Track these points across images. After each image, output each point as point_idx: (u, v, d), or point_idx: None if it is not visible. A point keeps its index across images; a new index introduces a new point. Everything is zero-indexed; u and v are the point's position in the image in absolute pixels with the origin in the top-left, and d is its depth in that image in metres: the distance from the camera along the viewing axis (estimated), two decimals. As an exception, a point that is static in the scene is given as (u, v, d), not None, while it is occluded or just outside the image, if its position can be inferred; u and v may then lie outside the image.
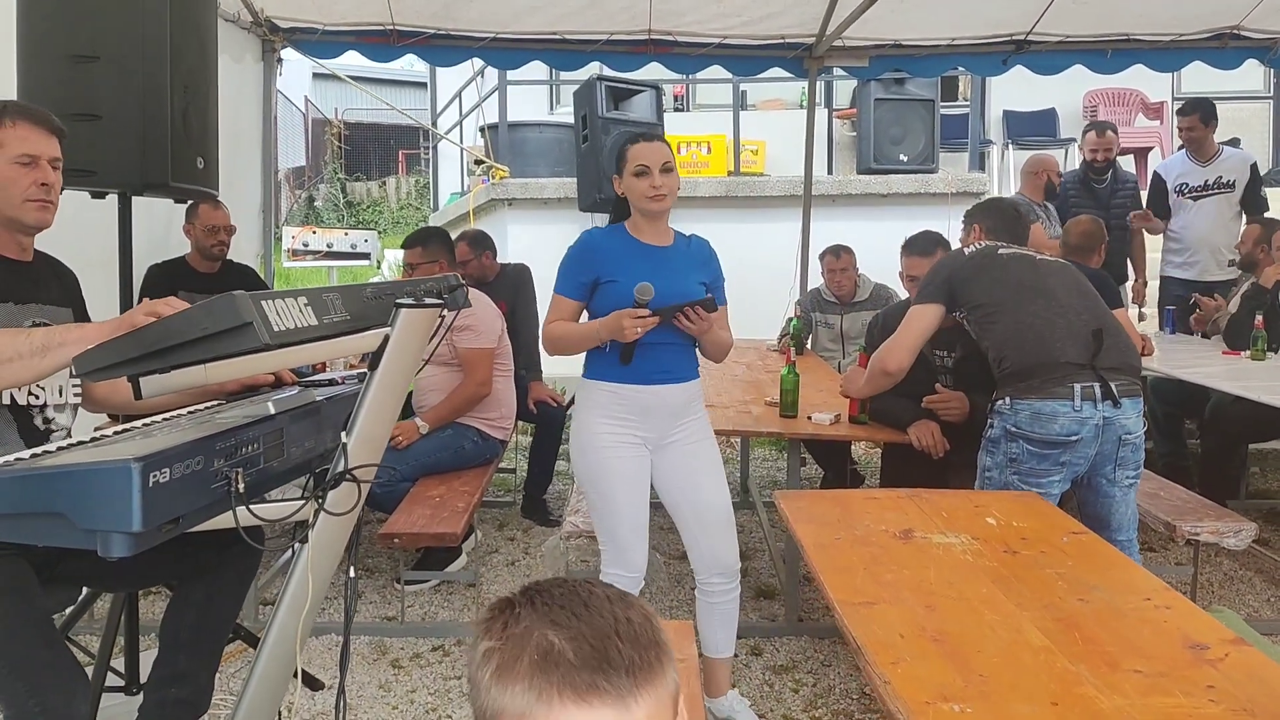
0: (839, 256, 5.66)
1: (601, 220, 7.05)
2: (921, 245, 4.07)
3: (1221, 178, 5.83)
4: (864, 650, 1.71)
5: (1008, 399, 2.95)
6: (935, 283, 3.21)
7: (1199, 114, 5.85)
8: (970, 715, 1.49)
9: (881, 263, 5.73)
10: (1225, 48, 6.08)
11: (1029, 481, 2.91)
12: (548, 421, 5.13)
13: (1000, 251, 3.18)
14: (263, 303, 1.66)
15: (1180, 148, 6.18)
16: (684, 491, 2.89)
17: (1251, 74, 9.22)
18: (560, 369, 6.44)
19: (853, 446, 5.39)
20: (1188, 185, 5.86)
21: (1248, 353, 4.73)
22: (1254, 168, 5.96)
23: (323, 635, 3.65)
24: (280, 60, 6.07)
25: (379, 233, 12.19)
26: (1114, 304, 4.16)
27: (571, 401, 5.27)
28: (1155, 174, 6.09)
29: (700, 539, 2.91)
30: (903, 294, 4.65)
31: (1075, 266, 4.54)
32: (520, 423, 5.67)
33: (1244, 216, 5.81)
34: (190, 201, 4.23)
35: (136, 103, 2.82)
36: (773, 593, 4.08)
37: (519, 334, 4.89)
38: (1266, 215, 5.53)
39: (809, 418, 3.78)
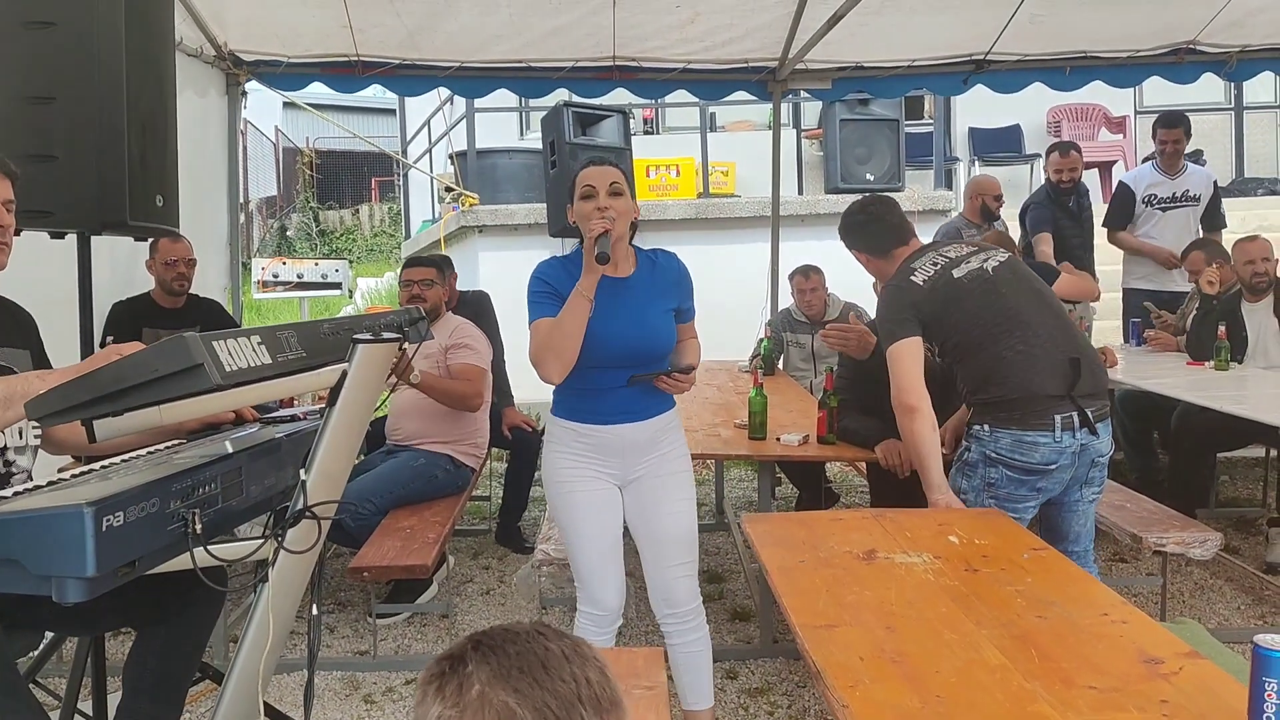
0: (808, 276, 5.70)
1: (573, 248, 7.11)
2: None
3: (1189, 191, 5.92)
4: (823, 674, 1.71)
5: (987, 426, 2.91)
6: (901, 315, 3.01)
7: (1184, 127, 5.95)
8: (926, 737, 1.50)
9: (851, 282, 5.76)
10: (1182, 63, 6.17)
11: (1005, 506, 2.88)
12: (523, 448, 5.12)
13: (954, 274, 3.03)
14: (214, 343, 1.66)
15: (1147, 159, 6.26)
16: (643, 524, 2.83)
17: (1212, 86, 9.36)
18: (531, 395, 6.46)
19: (828, 465, 5.41)
20: (1156, 196, 5.94)
21: (1211, 363, 4.79)
22: (1216, 184, 6.06)
23: (294, 672, 3.62)
24: (245, 93, 6.07)
25: (351, 261, 12.17)
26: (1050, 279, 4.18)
27: (544, 430, 5.31)
28: (1121, 184, 6.15)
29: (653, 573, 2.85)
30: (873, 311, 4.67)
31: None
32: (494, 449, 5.68)
33: (1201, 233, 5.90)
34: (155, 238, 4.22)
35: (93, 143, 2.81)
36: (749, 615, 4.08)
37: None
38: (1212, 237, 5.63)
39: (778, 439, 3.79)
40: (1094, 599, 2.04)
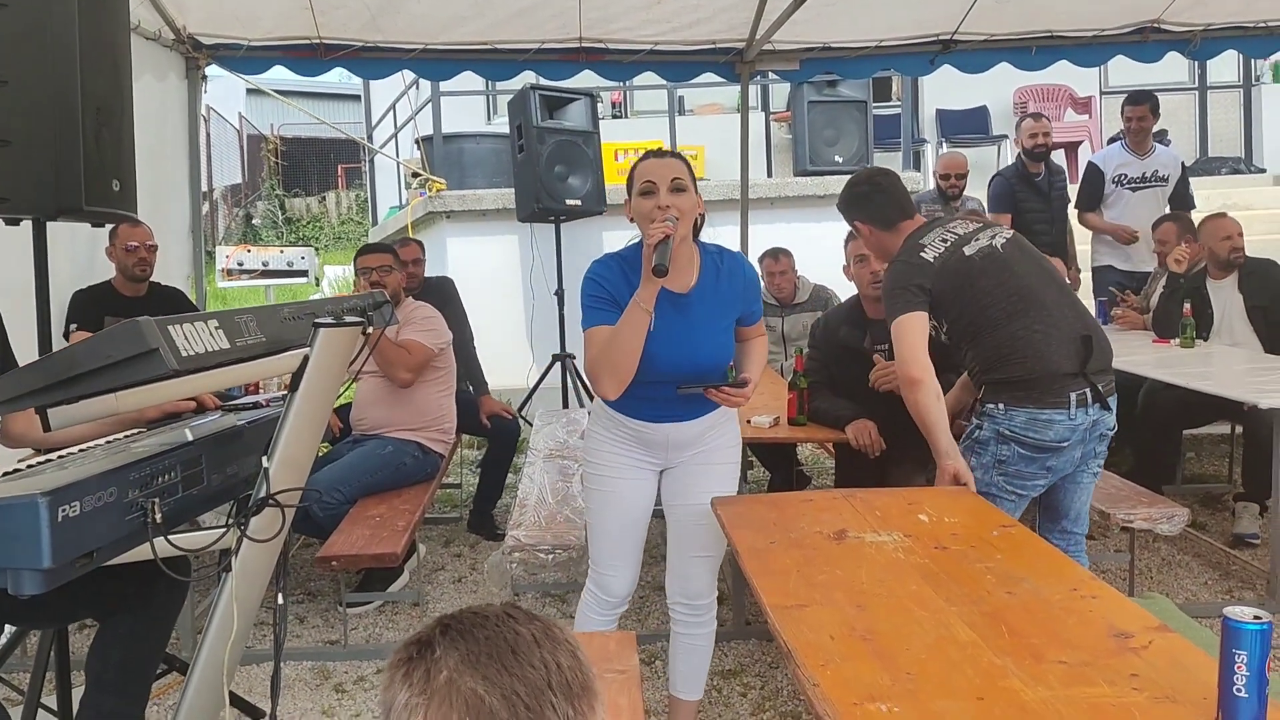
0: (777, 259, 5.69)
1: (542, 233, 7.09)
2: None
3: (1158, 171, 5.95)
4: (794, 653, 1.71)
5: (1001, 404, 2.88)
6: (910, 290, 2.94)
7: (1149, 105, 5.97)
8: (897, 714, 1.49)
9: (820, 264, 5.78)
10: (1146, 41, 6.18)
11: (1014, 483, 2.89)
12: (502, 435, 5.09)
13: (965, 252, 2.97)
14: (169, 327, 1.63)
15: (1114, 139, 6.28)
16: (675, 509, 2.78)
17: (1177, 65, 9.43)
18: (506, 381, 6.44)
19: (799, 448, 5.42)
20: (1127, 176, 5.96)
21: (1177, 340, 4.83)
22: (1184, 166, 6.11)
23: (263, 663, 3.58)
24: (205, 78, 5.97)
25: (318, 249, 12.06)
26: None
27: (515, 414, 5.29)
28: (1091, 164, 6.16)
29: (675, 558, 2.81)
30: (844, 294, 4.67)
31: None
32: (467, 437, 5.65)
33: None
34: (112, 223, 4.14)
35: (47, 127, 2.74)
36: (722, 598, 4.07)
37: (455, 349, 4.85)
38: (1182, 213, 5.65)
39: (748, 421, 3.78)
40: (1063, 575, 2.04)
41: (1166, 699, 1.50)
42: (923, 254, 2.97)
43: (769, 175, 9.71)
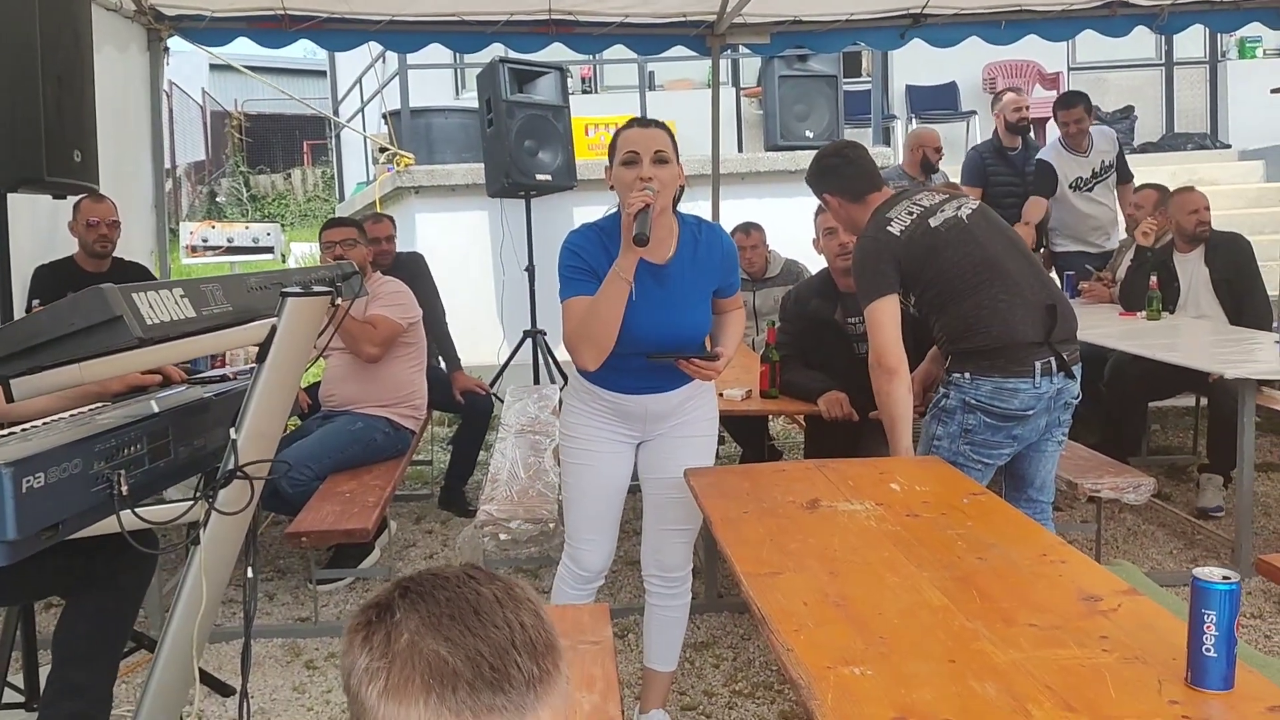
0: (748, 234, 5.67)
1: (512, 208, 7.03)
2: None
3: (1104, 161, 5.91)
4: (768, 620, 1.71)
5: (968, 374, 2.90)
6: (879, 272, 2.95)
7: (1084, 105, 5.87)
8: (870, 677, 1.50)
9: (792, 239, 5.77)
10: (1114, 16, 6.21)
11: (980, 452, 2.91)
12: (476, 412, 5.06)
13: (931, 223, 2.97)
14: (134, 295, 1.60)
15: (1056, 139, 6.13)
16: (651, 481, 2.77)
17: (1144, 42, 9.50)
18: (477, 358, 6.40)
19: (771, 423, 5.43)
20: (1082, 179, 5.88)
21: (1143, 313, 4.88)
22: (1118, 141, 6.08)
23: (234, 639, 3.56)
24: (167, 49, 5.87)
25: (284, 226, 11.93)
26: None
27: (488, 390, 5.27)
28: (1042, 162, 5.98)
29: (650, 531, 2.81)
30: (814, 268, 4.68)
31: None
32: (437, 414, 5.62)
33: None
34: (74, 197, 4.08)
35: (6, 97, 2.69)
36: (695, 570, 4.08)
37: (427, 326, 4.81)
38: (1155, 183, 5.67)
39: (720, 394, 3.77)
40: (1033, 541, 2.06)
41: (1136, 660, 1.52)
42: (889, 228, 2.97)
43: (740, 150, 9.68)
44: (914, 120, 10.02)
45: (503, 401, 5.28)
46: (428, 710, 0.86)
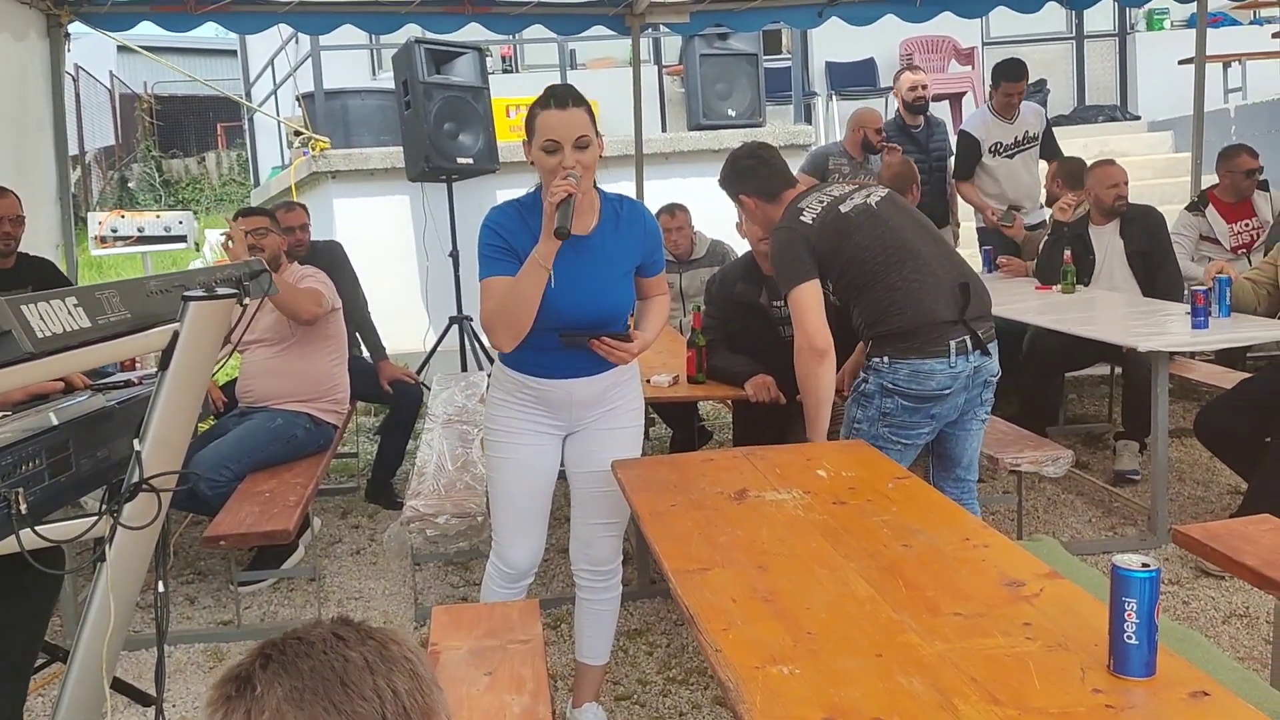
0: (674, 215, 5.65)
1: (434, 192, 6.91)
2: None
3: (1028, 132, 6.01)
4: (696, 619, 1.69)
5: (886, 358, 2.93)
6: (797, 257, 2.98)
7: (1026, 79, 5.97)
8: (799, 676, 1.49)
9: (717, 219, 5.75)
10: (1027, -8, 6.31)
11: (899, 433, 2.95)
12: (404, 401, 4.97)
13: (841, 209, 3.01)
14: (23, 307, 1.52)
15: (984, 105, 6.26)
16: (578, 475, 2.73)
17: (1054, 16, 9.64)
18: (402, 345, 6.30)
19: (701, 404, 5.43)
20: (1002, 144, 5.99)
21: (1058, 287, 4.96)
22: (1046, 118, 6.20)
23: (153, 647, 3.44)
24: (68, 35, 5.64)
25: (198, 213, 11.60)
26: None
27: (416, 379, 5.18)
28: (965, 133, 6.11)
29: (579, 524, 2.78)
30: (740, 249, 4.67)
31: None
32: (362, 404, 5.52)
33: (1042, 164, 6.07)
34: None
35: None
36: (626, 557, 4.07)
37: (349, 315, 4.70)
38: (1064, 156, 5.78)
39: (648, 380, 3.76)
40: (957, 525, 2.08)
41: (1059, 647, 1.53)
42: (802, 217, 3.01)
43: (663, 130, 9.65)
44: (834, 97, 10.08)
45: (430, 390, 5.20)
46: None
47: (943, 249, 3.10)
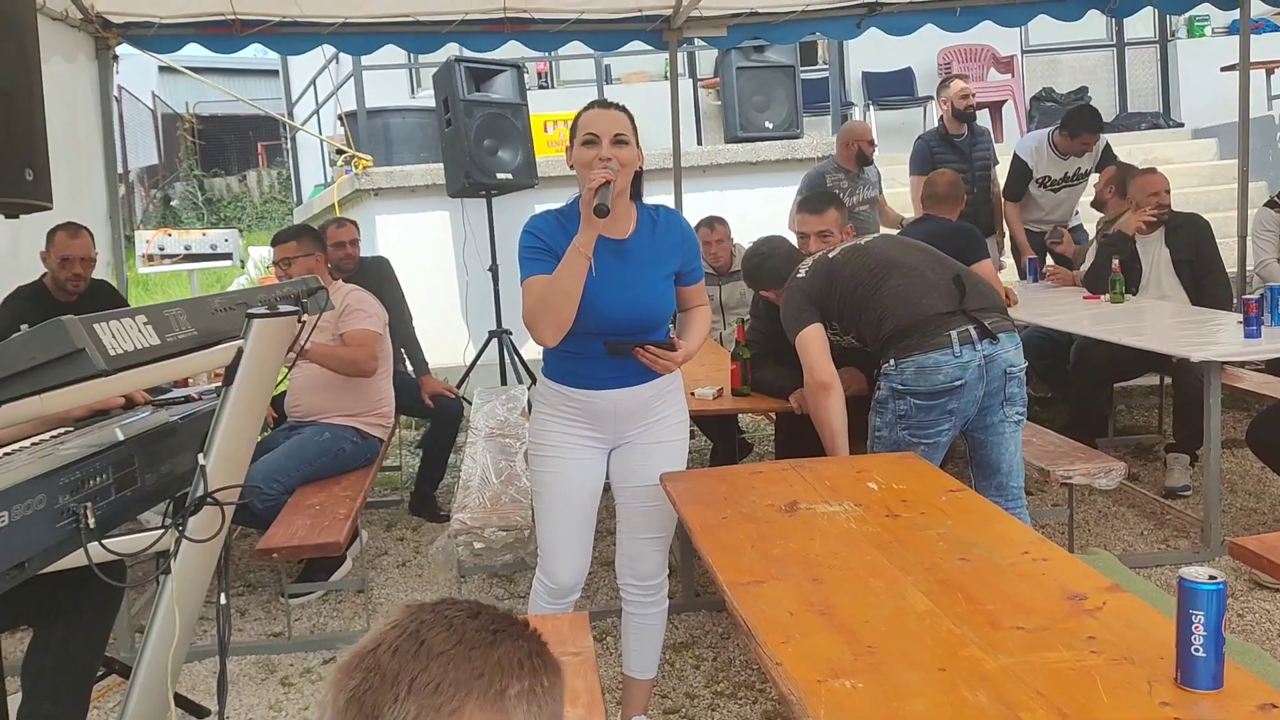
0: (713, 228, 5.67)
1: (474, 208, 6.96)
2: (814, 204, 3.95)
3: (1080, 169, 5.93)
4: (754, 632, 1.69)
5: (892, 360, 2.99)
6: (798, 309, 3.17)
7: (1101, 132, 5.85)
8: (861, 690, 1.49)
9: (756, 231, 5.75)
10: (1067, 0, 6.26)
11: (918, 434, 2.97)
12: (445, 415, 5.01)
13: (829, 255, 3.25)
14: (95, 326, 1.55)
15: (1043, 133, 6.07)
16: (624, 489, 2.74)
17: (1095, 22, 9.56)
18: (442, 359, 6.34)
19: (740, 416, 5.42)
20: (1050, 179, 5.92)
21: (1107, 296, 4.92)
22: (1107, 148, 6.00)
23: (205, 659, 3.50)
24: (116, 58, 5.75)
25: (241, 230, 11.77)
26: (980, 255, 4.25)
27: (457, 393, 5.22)
28: (1018, 158, 6.03)
29: (625, 539, 2.78)
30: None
31: (936, 220, 4.63)
32: (404, 418, 5.57)
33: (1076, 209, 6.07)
34: (28, 213, 3.98)
35: (-51, 115, 2.60)
36: (671, 570, 4.07)
37: (394, 330, 4.75)
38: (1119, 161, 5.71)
39: (692, 393, 3.76)
40: (1013, 538, 2.06)
41: (1125, 660, 1.52)
42: (798, 275, 3.27)
43: (699, 143, 9.66)
44: (872, 107, 10.05)
45: (470, 403, 5.23)
46: None
47: (930, 255, 3.23)
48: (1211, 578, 1.40)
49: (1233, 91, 6.56)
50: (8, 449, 2.08)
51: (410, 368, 5.27)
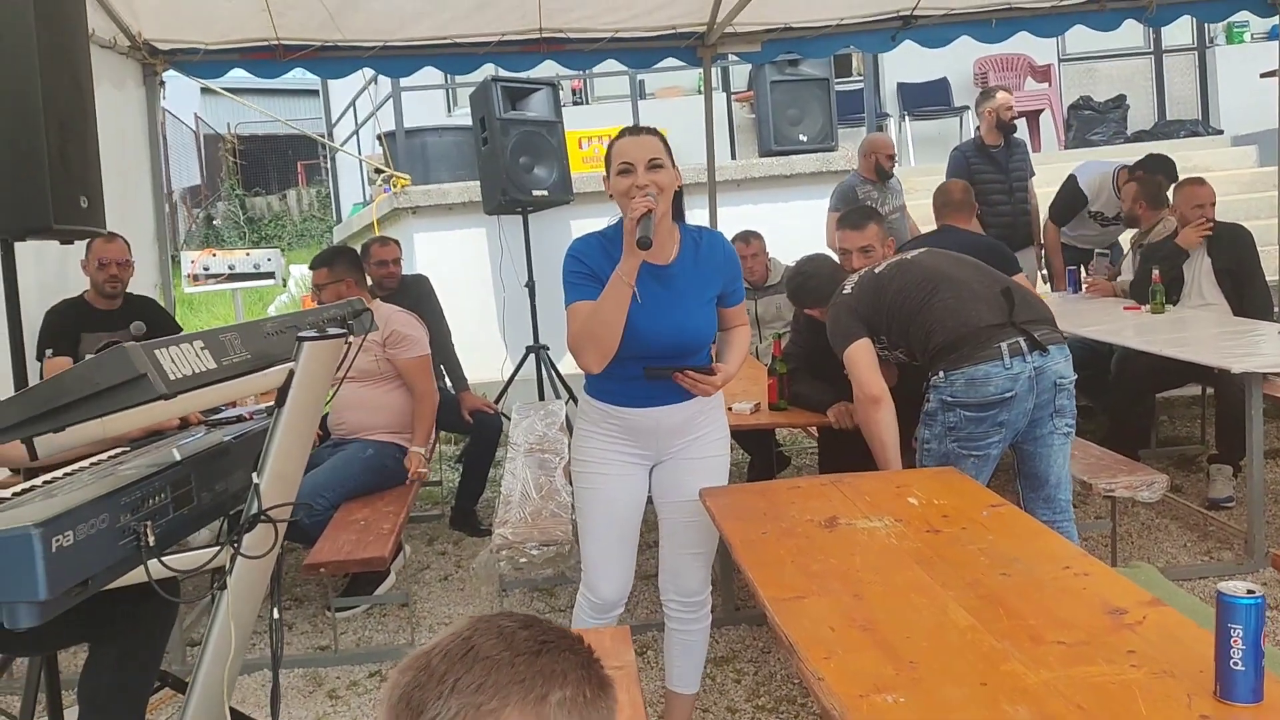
0: (748, 242, 5.69)
1: (510, 225, 7.04)
2: (854, 220, 3.97)
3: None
4: (796, 647, 1.72)
5: (941, 372, 3.00)
6: (845, 325, 3.19)
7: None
8: (904, 705, 1.51)
9: (791, 244, 5.79)
10: (1104, 10, 6.22)
11: (968, 447, 2.97)
12: (485, 431, 5.07)
13: (875, 271, 3.27)
14: (156, 351, 1.61)
15: (1110, 169, 5.91)
16: (666, 505, 2.76)
17: (1132, 30, 9.50)
18: (480, 375, 6.41)
19: (777, 430, 5.44)
20: (1103, 215, 5.92)
21: (1148, 307, 4.89)
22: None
23: (255, 672, 3.57)
24: (163, 83, 5.88)
25: (283, 249, 11.95)
26: (1011, 270, 4.24)
27: (496, 409, 5.28)
28: (1077, 185, 5.95)
29: (667, 554, 2.80)
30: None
31: (958, 232, 4.61)
32: (444, 433, 5.64)
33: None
34: (82, 240, 4.09)
35: (9, 145, 2.69)
36: (711, 584, 4.10)
37: (434, 347, 4.82)
38: (1142, 173, 5.64)
39: (730, 408, 3.78)
40: (1054, 553, 2.07)
41: (1165, 674, 1.53)
42: (844, 292, 3.28)
43: (734, 157, 9.70)
44: (907, 118, 10.04)
45: (509, 419, 5.29)
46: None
47: (978, 270, 3.23)
48: (1250, 591, 1.41)
49: (1273, 98, 6.49)
50: (69, 469, 2.15)
51: (450, 384, 5.34)
